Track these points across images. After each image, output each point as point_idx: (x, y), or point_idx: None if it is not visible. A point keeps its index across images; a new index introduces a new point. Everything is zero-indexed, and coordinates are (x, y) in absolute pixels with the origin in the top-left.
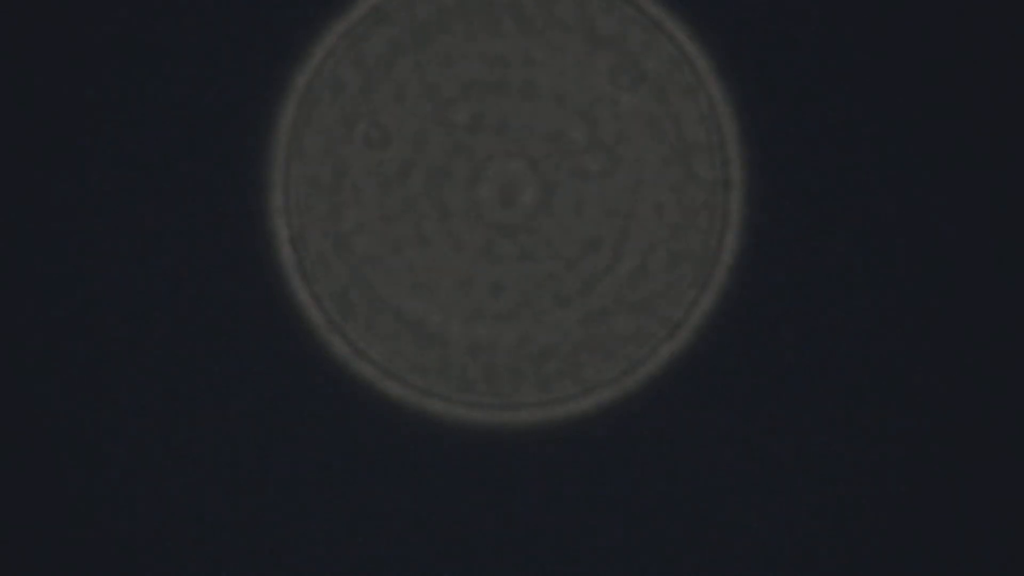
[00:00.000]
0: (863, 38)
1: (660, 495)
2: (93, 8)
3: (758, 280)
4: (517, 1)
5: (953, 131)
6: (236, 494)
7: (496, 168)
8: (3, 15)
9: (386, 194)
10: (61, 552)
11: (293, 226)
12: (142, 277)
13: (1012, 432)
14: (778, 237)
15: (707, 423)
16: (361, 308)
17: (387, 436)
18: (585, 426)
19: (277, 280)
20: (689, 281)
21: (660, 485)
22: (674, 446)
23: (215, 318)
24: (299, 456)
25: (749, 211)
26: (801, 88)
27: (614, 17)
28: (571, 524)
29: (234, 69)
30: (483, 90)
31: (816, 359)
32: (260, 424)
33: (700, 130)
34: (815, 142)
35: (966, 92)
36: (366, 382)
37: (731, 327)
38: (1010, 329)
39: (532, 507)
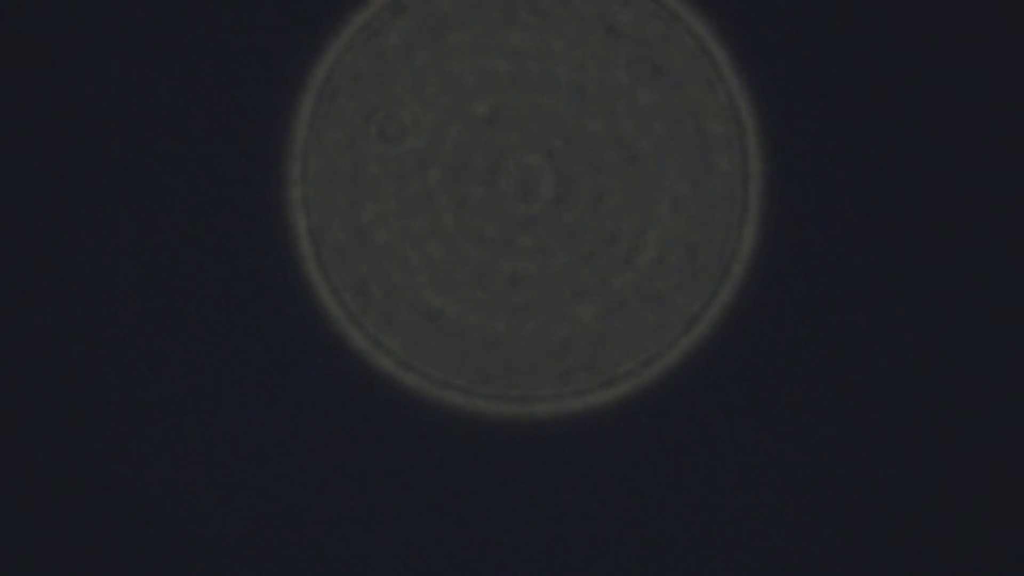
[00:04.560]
0: (884, 30)
1: (678, 489)
2: (106, 2)
3: (777, 273)
4: None
5: (976, 127)
6: (252, 486)
7: (514, 161)
8: (20, 9)
9: (404, 187)
10: (71, 548)
11: (311, 219)
12: (159, 270)
13: None
14: (797, 230)
15: (725, 416)
16: (379, 300)
17: (405, 428)
18: (603, 419)
19: (296, 273)
20: (707, 274)
21: (678, 478)
22: (692, 439)
23: (233, 311)
24: (317, 447)
25: (768, 204)
26: (821, 80)
27: (632, 10)
28: (588, 517)
29: (251, 62)
30: (501, 83)
31: (835, 353)
32: (278, 416)
33: (719, 123)
34: (835, 135)
35: (993, 88)
36: (384, 374)
37: (750, 320)
38: None
39: (549, 499)
